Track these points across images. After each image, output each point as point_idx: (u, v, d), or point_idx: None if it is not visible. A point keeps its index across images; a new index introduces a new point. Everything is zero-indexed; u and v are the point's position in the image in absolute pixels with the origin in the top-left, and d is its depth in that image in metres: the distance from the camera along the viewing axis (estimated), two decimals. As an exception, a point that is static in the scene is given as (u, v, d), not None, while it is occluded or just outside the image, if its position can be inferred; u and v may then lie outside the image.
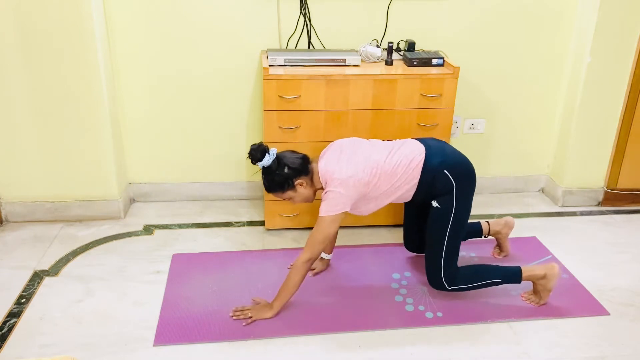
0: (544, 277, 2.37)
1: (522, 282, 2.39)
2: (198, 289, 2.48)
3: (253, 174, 2.48)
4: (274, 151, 2.25)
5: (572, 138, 3.21)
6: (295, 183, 2.25)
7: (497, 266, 2.42)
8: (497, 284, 2.38)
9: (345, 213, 2.22)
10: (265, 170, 2.25)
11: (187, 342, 2.17)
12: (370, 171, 2.21)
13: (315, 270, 2.60)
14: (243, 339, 2.19)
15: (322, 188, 2.29)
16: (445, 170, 2.24)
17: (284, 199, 2.33)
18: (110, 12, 2.82)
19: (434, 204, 2.28)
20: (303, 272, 2.23)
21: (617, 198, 3.34)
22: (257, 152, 2.22)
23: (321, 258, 2.62)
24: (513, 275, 2.37)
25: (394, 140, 2.38)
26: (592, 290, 2.54)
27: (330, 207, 2.19)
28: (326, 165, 2.24)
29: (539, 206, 3.35)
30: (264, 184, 2.29)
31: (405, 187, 2.27)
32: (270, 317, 2.28)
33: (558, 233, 3.04)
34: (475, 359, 2.15)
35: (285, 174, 2.23)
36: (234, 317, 2.29)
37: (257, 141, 3.12)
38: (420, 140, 2.34)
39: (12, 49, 2.66)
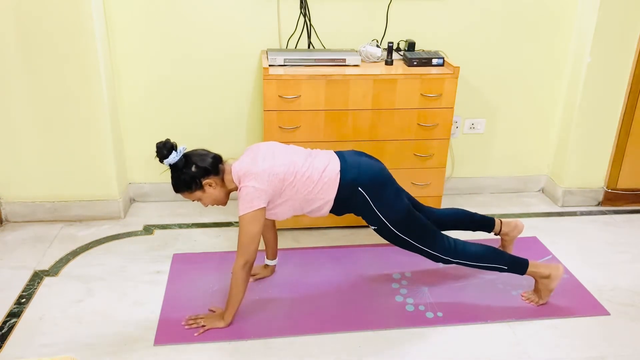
0: (547, 276, 2.37)
1: (525, 276, 2.39)
2: (198, 289, 2.48)
3: (160, 173, 2.36)
4: (182, 148, 2.13)
5: (572, 138, 3.21)
6: (204, 183, 2.15)
7: (507, 253, 2.44)
8: (501, 270, 2.38)
9: (264, 209, 2.11)
10: (173, 168, 2.13)
11: (187, 342, 2.17)
12: (286, 169, 2.13)
13: (257, 276, 2.53)
14: (243, 339, 2.20)
15: (235, 189, 2.19)
16: (359, 188, 2.19)
17: (193, 200, 2.23)
18: (110, 12, 2.82)
19: (371, 227, 2.30)
20: (242, 278, 2.14)
21: (617, 198, 3.34)
22: (163, 149, 2.08)
23: (265, 265, 2.55)
24: (519, 266, 2.37)
25: (313, 149, 2.33)
26: (592, 290, 2.54)
27: (246, 203, 2.08)
28: (240, 164, 2.16)
29: (539, 206, 3.35)
30: (172, 183, 2.17)
31: (321, 200, 2.20)
32: (223, 327, 2.22)
33: (558, 233, 3.04)
34: (475, 359, 2.15)
35: (192, 172, 2.12)
36: (186, 326, 2.23)
37: (257, 141, 3.16)
38: (338, 153, 2.27)
39: (12, 49, 2.66)
